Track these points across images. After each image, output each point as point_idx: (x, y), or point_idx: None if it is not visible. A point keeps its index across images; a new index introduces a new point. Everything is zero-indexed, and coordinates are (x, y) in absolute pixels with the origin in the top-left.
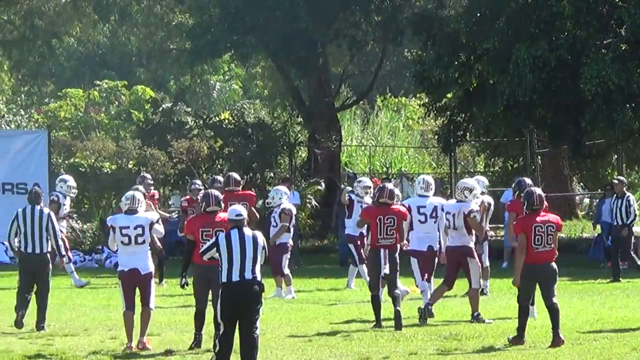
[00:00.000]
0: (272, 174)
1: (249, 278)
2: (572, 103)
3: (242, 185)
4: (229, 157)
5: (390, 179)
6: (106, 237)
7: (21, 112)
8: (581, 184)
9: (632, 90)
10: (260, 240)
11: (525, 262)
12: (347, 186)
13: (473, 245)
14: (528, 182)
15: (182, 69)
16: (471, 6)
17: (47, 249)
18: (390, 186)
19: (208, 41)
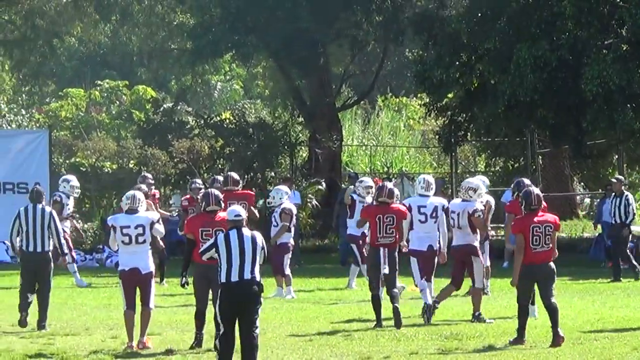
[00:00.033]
0: (273, 174)
1: (247, 278)
2: (573, 103)
3: (242, 184)
4: (229, 157)
5: (391, 179)
6: (107, 237)
7: (22, 111)
8: (582, 184)
9: (633, 91)
10: (259, 240)
11: (524, 262)
12: (348, 186)
13: (478, 244)
14: (527, 182)
15: (183, 69)
16: (472, 6)
17: (48, 247)
18: (389, 185)
19: (209, 41)
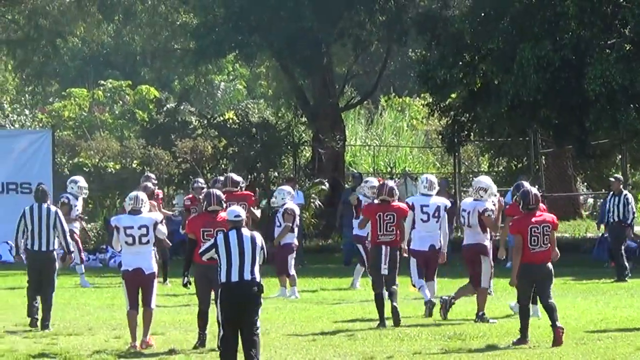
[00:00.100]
0: (276, 174)
1: (248, 279)
2: (576, 103)
3: (245, 185)
4: (233, 157)
5: (394, 179)
6: (110, 237)
7: (25, 111)
8: (585, 184)
9: (636, 91)
10: (259, 240)
11: (522, 261)
12: (352, 186)
13: (488, 243)
14: (526, 184)
15: (186, 69)
16: (475, 6)
17: (53, 246)
18: (390, 183)
19: (212, 41)
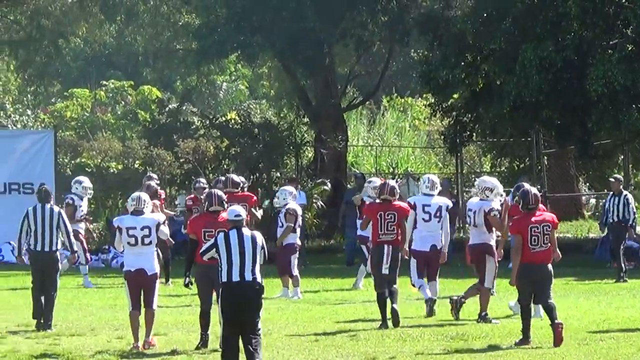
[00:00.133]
0: (278, 174)
1: (249, 279)
2: (579, 104)
3: (247, 185)
4: (235, 157)
5: (397, 179)
6: (112, 238)
7: (27, 112)
8: (587, 184)
9: (638, 91)
10: (259, 240)
11: (522, 261)
12: (354, 186)
13: (494, 243)
14: (526, 185)
15: (188, 69)
16: (477, 6)
17: (56, 247)
18: (391, 183)
19: (214, 41)
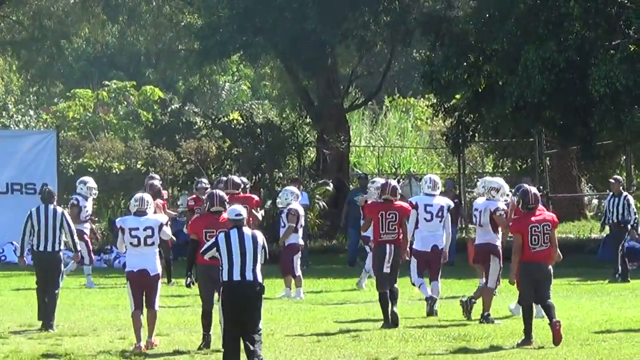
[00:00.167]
0: (280, 175)
1: (250, 279)
2: (581, 104)
3: (249, 186)
4: (237, 158)
5: (399, 180)
6: (115, 238)
7: (30, 112)
8: (589, 184)
9: None
10: (260, 239)
11: (523, 260)
12: (357, 187)
13: (499, 243)
14: (525, 185)
15: (190, 70)
16: (480, 7)
17: (59, 247)
18: (393, 183)
19: (217, 42)
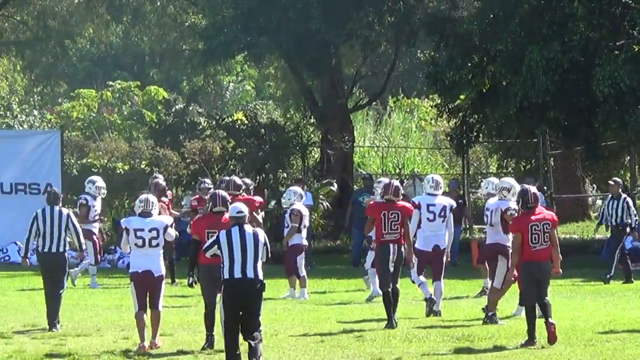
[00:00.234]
0: (284, 175)
1: (250, 277)
2: (585, 104)
3: (253, 187)
4: (241, 158)
5: (403, 180)
6: (119, 238)
7: (34, 112)
8: (594, 185)
9: None
10: (261, 237)
11: (523, 259)
12: (361, 187)
13: (509, 243)
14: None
15: (195, 70)
16: (484, 7)
17: (64, 248)
18: (395, 183)
19: (221, 42)
